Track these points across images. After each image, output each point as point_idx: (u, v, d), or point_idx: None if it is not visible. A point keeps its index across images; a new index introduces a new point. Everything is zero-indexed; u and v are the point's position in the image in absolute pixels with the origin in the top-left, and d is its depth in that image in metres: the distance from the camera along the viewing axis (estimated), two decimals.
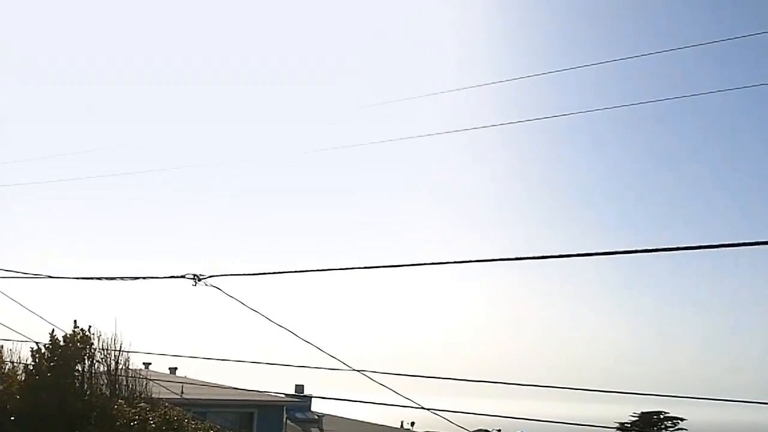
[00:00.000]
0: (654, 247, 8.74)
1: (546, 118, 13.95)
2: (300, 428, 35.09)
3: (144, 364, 27.22)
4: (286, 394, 32.26)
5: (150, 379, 21.28)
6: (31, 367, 18.58)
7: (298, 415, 35.80)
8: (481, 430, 46.36)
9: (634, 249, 8.83)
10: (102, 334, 19.67)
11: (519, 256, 9.97)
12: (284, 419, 32.88)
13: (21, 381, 18.93)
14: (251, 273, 13.12)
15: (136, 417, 17.77)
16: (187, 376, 30.34)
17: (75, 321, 18.86)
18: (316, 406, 37.71)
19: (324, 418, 37.08)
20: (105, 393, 19.03)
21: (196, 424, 18.59)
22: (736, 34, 11.27)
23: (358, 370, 12.84)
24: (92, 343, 19.03)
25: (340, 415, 38.92)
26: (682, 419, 60.96)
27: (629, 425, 59.94)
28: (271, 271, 13.04)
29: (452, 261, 10.62)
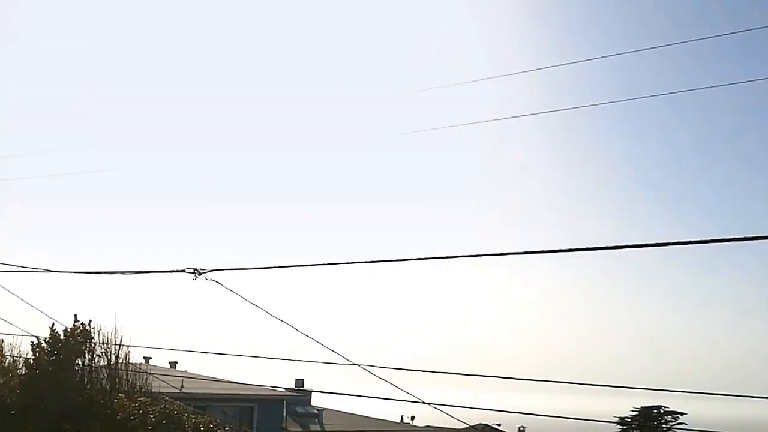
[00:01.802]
0: (656, 242, 8.72)
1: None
2: (300, 422, 35.12)
3: (144, 358, 27.15)
4: (286, 389, 32.30)
5: (150, 374, 21.27)
6: (32, 362, 18.59)
7: (298, 409, 35.80)
8: (480, 424, 46.37)
9: (626, 245, 8.82)
10: (102, 328, 19.67)
11: (507, 252, 9.94)
12: (284, 413, 32.92)
13: (21, 375, 18.95)
14: (251, 267, 13.14)
15: (137, 411, 17.77)
16: (187, 371, 30.29)
17: (75, 315, 18.88)
18: (316, 400, 37.70)
19: (324, 412, 37.08)
20: (105, 387, 19.02)
21: (196, 418, 18.57)
22: None
23: (358, 365, 12.85)
24: (92, 338, 19.04)
25: (340, 410, 38.91)
26: (682, 413, 60.96)
27: (629, 420, 59.96)
28: (271, 266, 13.05)
29: (448, 256, 10.61)
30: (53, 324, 18.31)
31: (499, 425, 49.47)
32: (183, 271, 13.11)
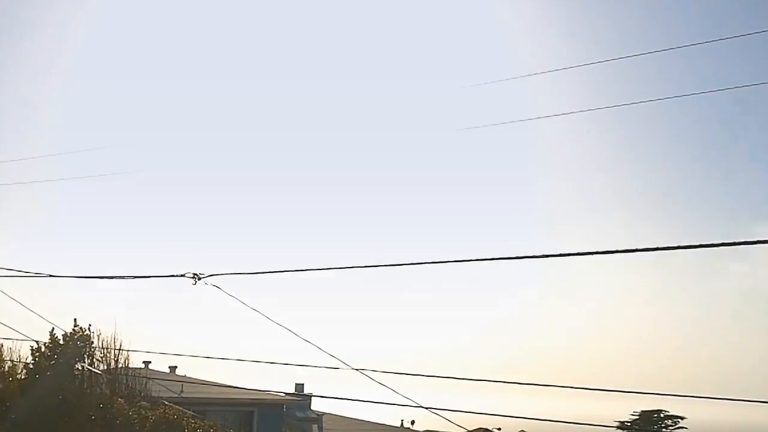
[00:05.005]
0: (654, 246, 8.72)
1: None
2: (300, 427, 35.09)
3: (143, 362, 27.17)
4: (286, 393, 32.23)
5: (150, 378, 21.30)
6: (31, 366, 18.60)
7: (298, 413, 35.77)
8: (481, 428, 46.36)
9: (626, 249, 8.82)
10: (102, 332, 19.71)
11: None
12: (284, 418, 32.88)
13: (21, 380, 18.95)
14: (251, 272, 13.13)
15: (136, 416, 17.78)
16: (187, 375, 30.30)
17: (75, 320, 18.90)
18: (316, 404, 37.67)
19: (324, 416, 37.05)
20: (105, 392, 19.03)
21: (196, 422, 18.58)
22: None
23: (358, 369, 12.84)
24: (92, 342, 19.06)
25: (340, 414, 38.91)
26: (682, 418, 61.03)
27: (629, 423, 59.99)
28: (271, 270, 13.05)
29: (445, 260, 10.62)
30: (53, 328, 18.33)
31: (499, 429, 49.48)
32: (183, 275, 13.11)
